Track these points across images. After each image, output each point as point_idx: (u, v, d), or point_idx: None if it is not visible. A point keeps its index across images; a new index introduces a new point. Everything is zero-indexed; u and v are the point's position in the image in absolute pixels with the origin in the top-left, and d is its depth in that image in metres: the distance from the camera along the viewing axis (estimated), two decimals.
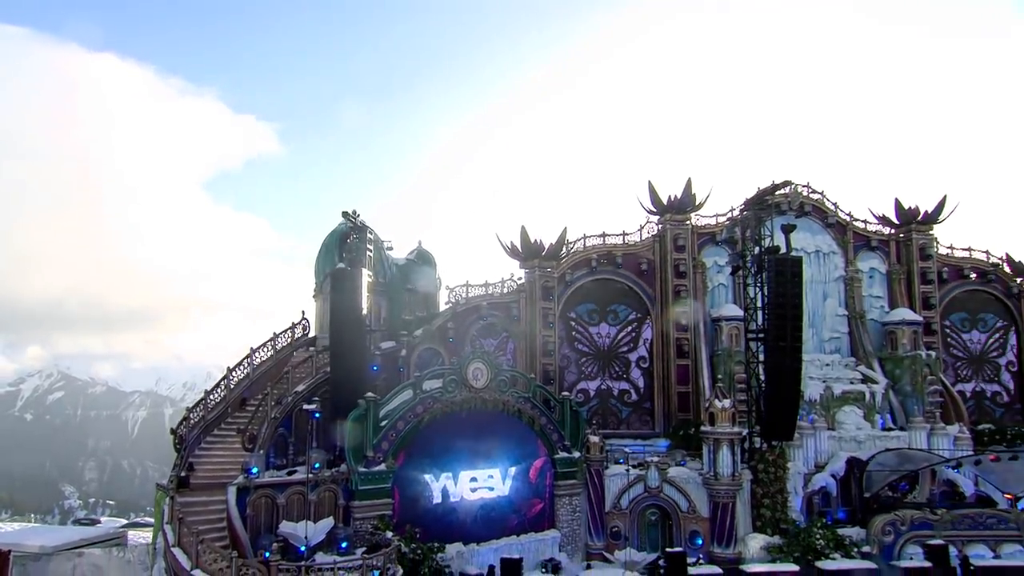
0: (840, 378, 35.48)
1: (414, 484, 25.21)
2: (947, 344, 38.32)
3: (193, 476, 23.60)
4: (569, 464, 28.58)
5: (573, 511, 28.66)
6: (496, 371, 27.31)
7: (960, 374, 38.46)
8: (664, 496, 29.20)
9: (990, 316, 39.19)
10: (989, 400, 38.59)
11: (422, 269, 34.34)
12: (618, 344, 35.78)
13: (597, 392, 35.27)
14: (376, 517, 23.57)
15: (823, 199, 38.11)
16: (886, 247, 38.41)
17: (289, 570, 19.14)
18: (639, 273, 35.97)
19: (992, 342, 39.16)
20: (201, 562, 19.14)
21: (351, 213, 29.20)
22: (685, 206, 36.12)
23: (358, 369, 25.96)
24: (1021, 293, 38.83)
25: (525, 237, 34.04)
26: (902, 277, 37.97)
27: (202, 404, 25.79)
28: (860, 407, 34.43)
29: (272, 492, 22.57)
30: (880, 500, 29.51)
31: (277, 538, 21.95)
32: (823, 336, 37.57)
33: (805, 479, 31.34)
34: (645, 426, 35.25)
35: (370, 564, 20.19)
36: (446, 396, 25.86)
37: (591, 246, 35.81)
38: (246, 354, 27.53)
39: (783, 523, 28.76)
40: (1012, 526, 27.80)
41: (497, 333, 33.79)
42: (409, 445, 25.16)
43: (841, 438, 32.67)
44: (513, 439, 27.61)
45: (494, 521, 26.70)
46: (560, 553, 27.75)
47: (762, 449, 29.85)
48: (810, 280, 37.58)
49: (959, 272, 38.80)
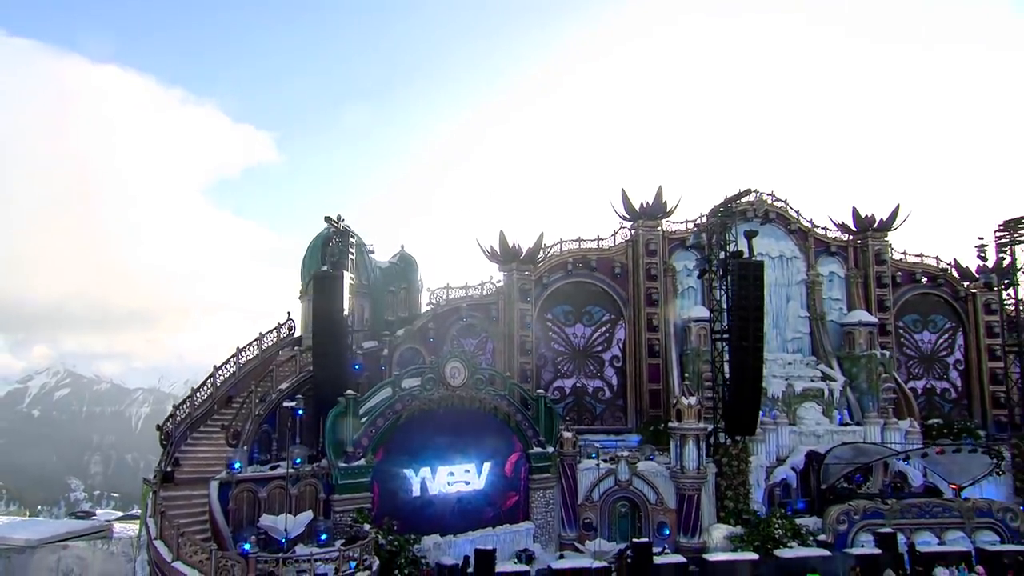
0: (801, 376, 35.52)
1: (393, 478, 24.94)
2: (900, 344, 38.45)
3: (179, 471, 23.24)
4: (543, 459, 28.40)
5: (547, 504, 28.49)
6: (473, 370, 27.08)
7: (912, 372, 38.60)
8: (633, 489, 29.03)
9: (940, 318, 39.38)
10: (939, 396, 38.74)
11: (404, 272, 33.99)
12: (593, 344, 35.63)
13: (573, 389, 35.09)
14: (355, 510, 23.26)
15: (786, 207, 38.17)
16: (844, 252, 38.54)
17: (267, 562, 18.88)
18: (613, 276, 35.85)
19: (941, 342, 39.35)
20: (182, 554, 18.78)
21: (336, 218, 28.92)
22: (656, 213, 36.03)
23: (339, 368, 25.63)
24: (968, 296, 38.99)
25: (504, 241, 33.86)
26: (859, 281, 38.08)
27: (188, 401, 25.41)
28: (819, 403, 34.51)
29: (254, 486, 22.21)
30: (836, 491, 29.50)
31: (258, 531, 21.63)
32: (786, 336, 37.62)
33: (767, 472, 31.31)
34: (618, 422, 35.11)
35: (347, 555, 19.92)
36: (424, 394, 25.58)
37: (567, 250, 35.70)
38: (232, 353, 27.18)
39: (745, 514, 28.72)
40: (956, 514, 27.99)
41: (477, 333, 33.56)
42: (388, 441, 24.86)
43: (801, 433, 32.64)
44: (489, 435, 27.35)
45: (470, 513, 26.47)
46: (534, 544, 27.56)
47: (726, 444, 29.83)
48: (774, 283, 37.74)
49: (911, 276, 39.00)
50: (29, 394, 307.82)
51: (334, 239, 26.75)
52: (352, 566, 19.92)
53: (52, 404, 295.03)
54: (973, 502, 28.60)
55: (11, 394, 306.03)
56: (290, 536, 21.14)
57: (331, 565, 19.51)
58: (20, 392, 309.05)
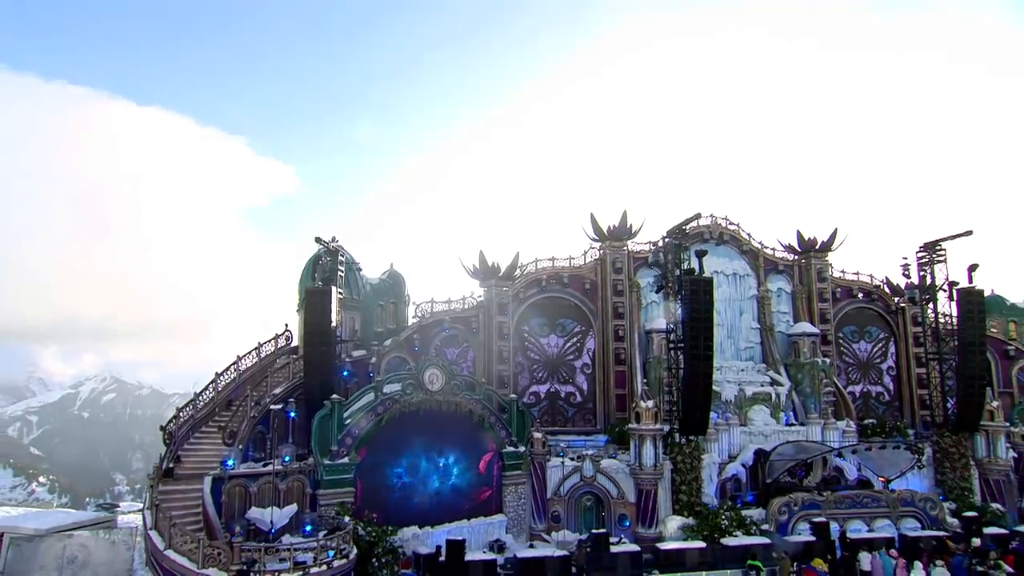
0: (752, 382, 35.23)
1: (375, 475, 24.54)
2: (840, 352, 38.13)
3: (180, 468, 22.95)
4: (515, 457, 28.00)
5: (518, 498, 28.04)
6: (450, 376, 26.81)
7: (850, 377, 38.21)
8: (597, 484, 28.65)
9: (875, 329, 39.10)
10: (874, 399, 38.33)
11: (393, 288, 33.76)
12: (565, 353, 35.31)
13: (547, 394, 34.71)
14: (338, 504, 22.85)
15: (739, 230, 38.05)
16: (790, 271, 38.33)
17: (251, 550, 18.55)
18: (583, 292, 35.62)
19: (876, 351, 39.03)
20: (173, 543, 18.53)
21: (331, 239, 28.79)
22: (621, 234, 35.91)
23: (328, 374, 25.35)
24: (898, 310, 38.75)
25: (483, 260, 33.68)
26: (803, 296, 37.81)
27: (191, 404, 25.12)
28: (768, 406, 34.20)
29: (245, 482, 21.86)
30: (779, 485, 29.13)
31: (247, 523, 21.32)
32: (740, 346, 37.28)
33: (720, 468, 30.99)
34: (588, 424, 34.66)
35: (324, 545, 19.57)
36: (404, 398, 25.28)
37: (541, 268, 35.46)
38: (233, 361, 26.92)
39: (697, 506, 28.29)
40: (883, 504, 27.67)
41: (459, 343, 33.27)
42: (370, 441, 24.53)
43: (751, 433, 32.33)
44: (465, 435, 27.00)
45: (447, 507, 26.01)
46: (507, 535, 27.09)
47: (681, 443, 29.42)
48: (728, 299, 37.61)
49: (849, 292, 38.75)
50: (80, 398, 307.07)
51: (324, 258, 26.60)
52: (331, 554, 19.56)
53: (100, 407, 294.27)
54: (898, 493, 28.31)
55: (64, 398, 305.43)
56: (276, 527, 20.83)
57: (310, 553, 19.19)
58: (72, 396, 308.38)
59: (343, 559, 19.71)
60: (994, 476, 31.68)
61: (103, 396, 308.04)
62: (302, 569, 18.54)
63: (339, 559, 19.60)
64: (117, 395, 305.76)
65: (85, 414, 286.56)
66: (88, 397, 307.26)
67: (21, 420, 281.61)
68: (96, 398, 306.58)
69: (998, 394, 37.01)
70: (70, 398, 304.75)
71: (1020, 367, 38.65)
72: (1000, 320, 40.39)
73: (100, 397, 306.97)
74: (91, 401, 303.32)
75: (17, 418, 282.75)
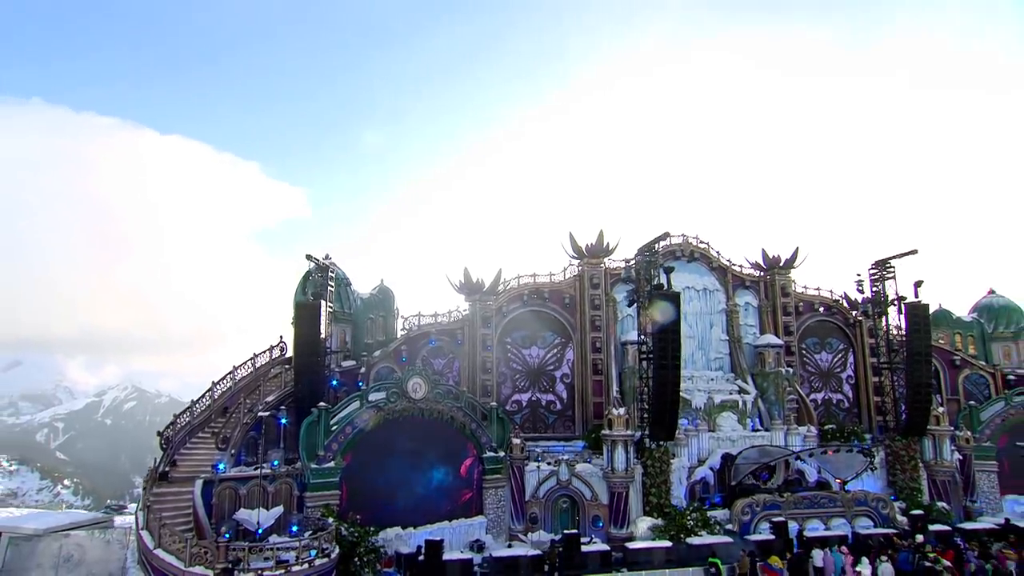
0: (721, 390, 35.09)
1: (360, 478, 24.37)
2: (803, 362, 38.05)
3: (175, 471, 22.81)
4: (495, 462, 27.87)
5: (498, 500, 27.88)
6: (433, 385, 26.76)
7: (813, 386, 38.11)
8: (572, 487, 28.48)
9: (835, 340, 39.05)
10: (835, 406, 38.18)
11: (383, 302, 33.76)
12: (546, 363, 35.24)
13: (528, 403, 34.58)
14: (323, 506, 22.70)
15: (708, 248, 38.16)
16: (757, 286, 38.39)
17: (237, 549, 18.42)
18: (563, 306, 35.60)
19: (836, 361, 38.97)
20: (163, 542, 18.38)
21: (324, 257, 28.89)
22: (598, 252, 35.96)
23: (317, 383, 25.32)
24: (856, 323, 38.74)
25: (468, 276, 33.76)
26: (769, 310, 37.83)
27: (188, 411, 25.02)
28: (735, 413, 34.04)
29: (235, 485, 21.77)
30: (743, 487, 29.02)
31: (238, 524, 21.19)
32: (710, 356, 37.23)
33: (690, 471, 30.78)
34: (567, 431, 34.46)
35: (307, 545, 19.44)
36: (388, 405, 25.22)
37: (524, 284, 35.47)
38: (229, 370, 26.86)
39: (666, 508, 28.12)
40: (839, 504, 27.61)
41: (445, 354, 33.21)
42: (356, 446, 24.42)
43: (719, 438, 32.17)
44: (447, 441, 26.92)
45: (429, 509, 25.82)
46: (487, 535, 26.90)
47: (651, 448, 29.32)
48: (699, 312, 37.66)
49: (811, 306, 38.77)
50: (103, 406, 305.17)
51: (315, 274, 26.64)
52: (312, 553, 19.45)
53: (121, 415, 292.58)
54: (853, 494, 28.22)
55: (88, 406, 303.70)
56: (262, 527, 20.70)
57: (293, 553, 19.03)
58: (96, 404, 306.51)
59: (324, 558, 19.54)
60: (941, 477, 31.66)
61: (125, 404, 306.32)
62: (284, 567, 18.38)
63: (321, 558, 19.44)
64: (137, 403, 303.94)
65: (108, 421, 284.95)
66: (111, 405, 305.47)
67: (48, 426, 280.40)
68: (118, 406, 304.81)
69: (946, 401, 37.03)
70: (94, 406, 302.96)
71: (965, 375, 38.61)
72: (947, 332, 40.35)
73: (122, 405, 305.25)
74: (113, 409, 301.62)
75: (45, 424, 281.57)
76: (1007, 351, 39.64)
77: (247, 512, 20.85)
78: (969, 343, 39.99)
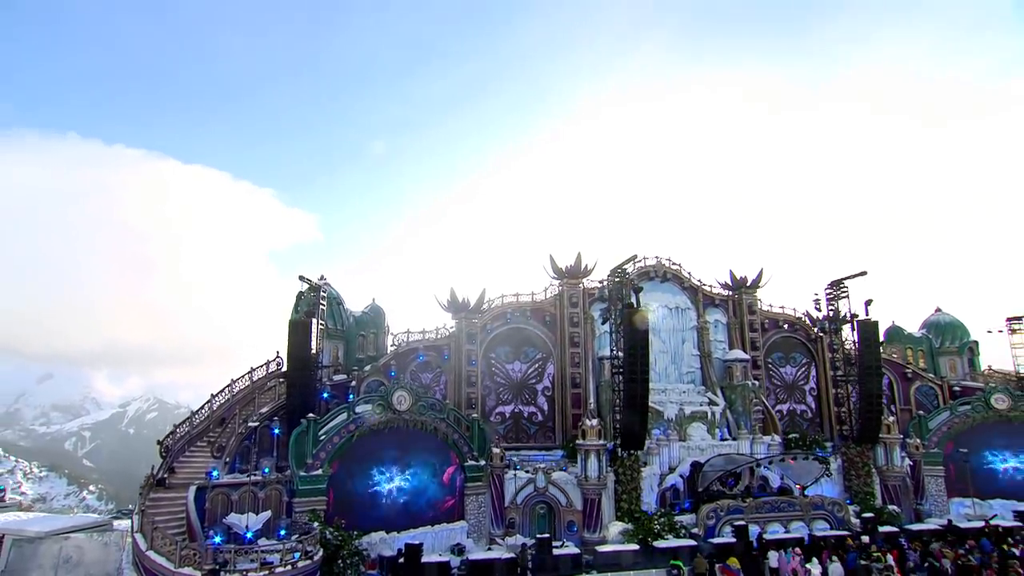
0: (692, 402, 35.19)
1: (346, 485, 24.50)
2: (769, 375, 38.14)
3: (173, 478, 22.99)
4: (476, 470, 27.92)
5: (479, 506, 27.89)
6: (417, 398, 26.95)
7: (779, 397, 38.13)
8: (549, 494, 28.50)
9: (798, 355, 39.17)
10: (799, 416, 38.16)
11: (374, 320, 34.04)
12: (528, 377, 35.37)
13: (511, 414, 34.61)
14: (310, 511, 22.79)
15: (680, 269, 38.51)
16: (725, 304, 38.65)
17: (224, 552, 18.55)
18: (544, 323, 35.84)
19: (800, 374, 39.05)
20: (155, 545, 18.53)
21: (319, 278, 29.30)
22: (576, 273, 36.28)
23: (308, 396, 25.54)
24: (817, 339, 38.90)
25: (454, 296, 34.07)
26: (737, 327, 38.04)
27: (188, 421, 25.23)
28: (705, 423, 34.12)
29: (228, 491, 21.92)
30: (710, 493, 28.95)
31: (230, 528, 21.30)
32: (682, 370, 37.35)
33: (661, 478, 30.76)
34: (549, 441, 34.45)
35: (291, 547, 19.57)
36: (374, 417, 25.42)
37: (507, 302, 35.75)
38: (227, 383, 27.10)
39: (636, 513, 28.09)
40: (798, 508, 27.60)
41: (432, 369, 33.39)
42: (343, 455, 24.57)
43: (689, 447, 32.20)
44: (431, 450, 27.01)
45: (413, 514, 25.87)
46: (467, 539, 26.87)
47: (622, 456, 29.37)
48: (672, 329, 37.90)
49: (776, 323, 38.98)
50: (127, 416, 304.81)
51: (307, 294, 27.01)
52: (296, 556, 19.55)
53: (144, 424, 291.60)
54: (811, 498, 28.24)
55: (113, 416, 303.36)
56: (251, 531, 20.81)
57: (277, 555, 19.17)
58: (120, 415, 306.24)
59: (308, 560, 19.62)
60: (892, 482, 31.70)
61: (147, 414, 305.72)
62: (269, 569, 18.51)
63: (304, 560, 19.53)
64: (159, 414, 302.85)
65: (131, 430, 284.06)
66: (134, 415, 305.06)
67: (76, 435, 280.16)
68: (141, 416, 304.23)
69: (900, 411, 37.18)
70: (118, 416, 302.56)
71: (917, 387, 38.67)
72: (900, 347, 40.53)
73: (144, 415, 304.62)
74: (136, 419, 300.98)
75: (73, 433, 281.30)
76: (952, 364, 39.90)
77: (236, 516, 20.97)
78: (919, 357, 40.17)
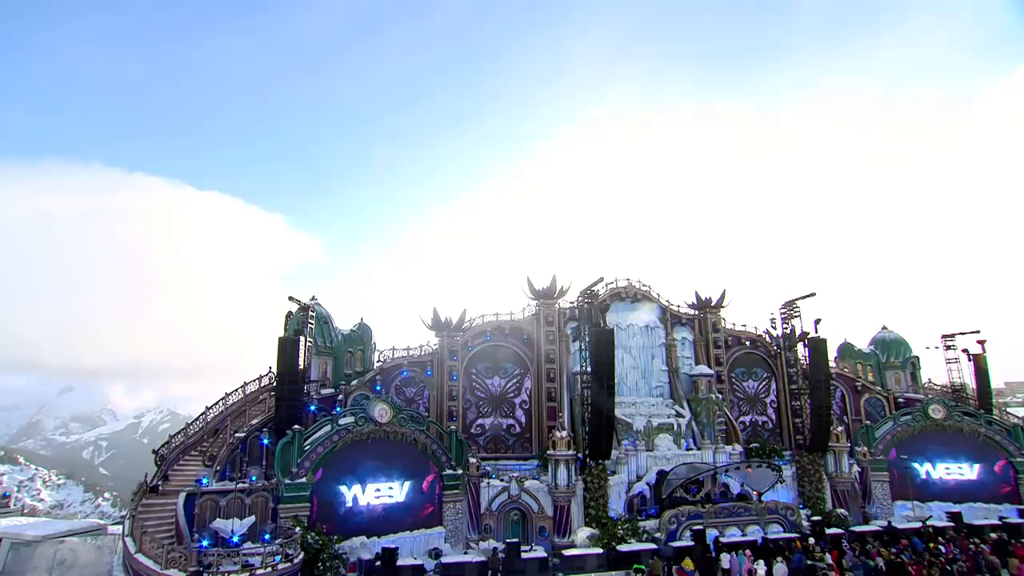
0: (660, 414, 35.57)
1: (329, 493, 24.79)
2: (732, 389, 38.58)
3: (167, 485, 23.31)
4: (454, 479, 28.12)
5: (456, 513, 28.05)
6: (397, 411, 27.35)
7: (741, 409, 38.54)
8: (522, 501, 28.78)
9: (759, 370, 39.66)
10: (760, 427, 38.54)
11: (361, 337, 34.53)
12: (506, 391, 35.74)
13: (491, 427, 34.91)
14: (293, 517, 23.07)
15: (650, 290, 39.19)
16: (692, 323, 39.24)
17: (208, 554, 18.88)
18: (522, 341, 36.29)
19: (761, 387, 39.51)
20: (143, 548, 18.85)
21: (310, 298, 29.90)
22: (551, 294, 36.78)
23: (295, 409, 25.96)
24: (776, 355, 39.48)
25: (436, 315, 34.62)
26: (702, 343, 38.59)
27: (183, 432, 25.63)
28: (671, 434, 34.49)
29: (216, 497, 22.23)
30: (673, 499, 29.28)
31: (217, 533, 21.61)
32: (652, 384, 37.82)
33: (629, 486, 31.01)
34: (526, 451, 34.60)
35: (272, 550, 19.86)
36: (356, 428, 25.82)
37: (487, 321, 36.22)
38: (221, 396, 27.53)
39: (603, 519, 28.38)
40: (754, 513, 27.89)
41: (416, 384, 33.82)
42: (326, 464, 24.93)
43: (656, 456, 32.47)
44: (411, 460, 27.30)
45: (393, 520, 26.05)
46: (445, 544, 27.05)
47: (591, 465, 29.73)
48: (642, 346, 38.46)
49: (739, 340, 39.52)
50: (141, 427, 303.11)
51: (297, 313, 27.57)
52: (277, 559, 19.86)
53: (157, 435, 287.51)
54: (766, 504, 28.54)
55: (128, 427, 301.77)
56: (236, 535, 21.12)
57: (259, 557, 19.48)
58: (135, 426, 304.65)
59: (288, 563, 19.91)
60: (841, 487, 32.16)
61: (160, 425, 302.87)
62: (250, 571, 18.79)
63: (284, 563, 19.84)
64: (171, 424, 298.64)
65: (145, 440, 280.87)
66: (148, 426, 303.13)
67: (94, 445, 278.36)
68: (154, 427, 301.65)
69: (851, 421, 37.70)
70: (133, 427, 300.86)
71: (866, 399, 39.29)
72: (851, 362, 41.19)
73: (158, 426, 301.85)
74: (150, 429, 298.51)
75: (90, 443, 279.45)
76: (897, 378, 40.68)
77: (222, 522, 21.31)
78: (868, 371, 40.86)
